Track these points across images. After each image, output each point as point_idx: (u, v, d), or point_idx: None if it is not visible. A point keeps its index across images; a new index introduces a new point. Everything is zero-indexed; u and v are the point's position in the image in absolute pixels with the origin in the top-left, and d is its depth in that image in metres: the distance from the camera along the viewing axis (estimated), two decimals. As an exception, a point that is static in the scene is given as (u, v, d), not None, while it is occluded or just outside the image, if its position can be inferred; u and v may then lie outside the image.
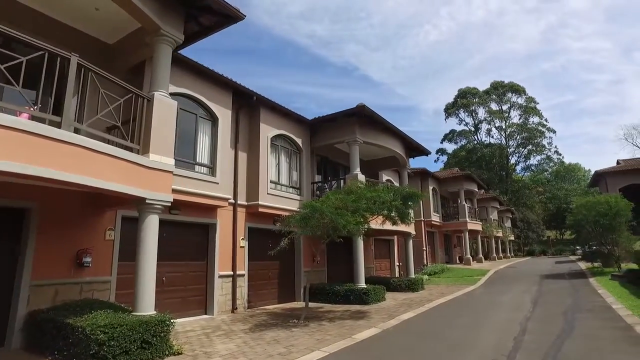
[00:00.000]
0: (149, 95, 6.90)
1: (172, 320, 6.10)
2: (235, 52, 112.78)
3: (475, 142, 63.04)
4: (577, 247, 32.55)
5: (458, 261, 29.54)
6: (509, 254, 42.70)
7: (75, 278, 7.29)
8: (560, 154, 60.78)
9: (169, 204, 6.93)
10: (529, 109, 59.70)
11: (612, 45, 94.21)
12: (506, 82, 61.32)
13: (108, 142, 6.13)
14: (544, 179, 65.00)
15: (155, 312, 6.30)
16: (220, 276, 10.37)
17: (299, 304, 12.39)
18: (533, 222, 50.74)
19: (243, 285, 11.01)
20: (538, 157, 60.96)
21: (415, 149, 17.38)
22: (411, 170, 25.17)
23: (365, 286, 12.35)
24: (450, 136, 65.55)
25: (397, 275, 20.38)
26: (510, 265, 27.67)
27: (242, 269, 11.06)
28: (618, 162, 30.06)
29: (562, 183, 65.50)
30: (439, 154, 67.15)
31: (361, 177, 12.80)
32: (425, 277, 20.35)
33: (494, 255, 35.33)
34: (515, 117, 60.98)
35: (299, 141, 13.31)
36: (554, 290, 14.22)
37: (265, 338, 7.47)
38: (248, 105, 11.68)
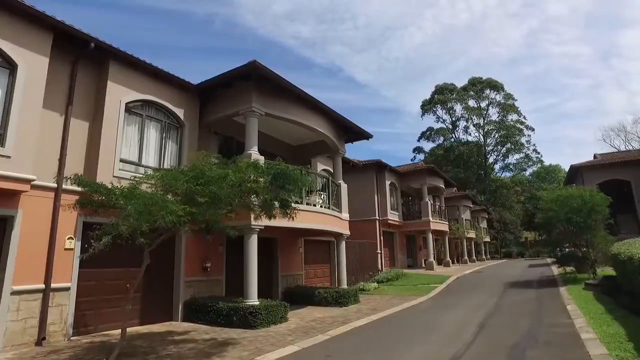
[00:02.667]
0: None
1: None
2: (220, 52, 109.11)
3: (453, 140, 60.69)
4: (544, 250, 29.73)
5: (424, 265, 26.60)
6: (484, 257, 40.07)
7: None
8: (539, 153, 58.56)
9: None
10: (507, 106, 57.47)
11: (592, 50, 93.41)
12: (484, 78, 59.17)
13: None
14: (524, 179, 62.90)
15: None
16: (17, 292, 7.06)
17: (175, 326, 9.19)
18: (510, 222, 48.31)
19: (66, 303, 7.73)
20: (517, 156, 58.67)
21: (351, 131, 14.33)
22: (363, 162, 22.25)
23: (256, 303, 9.18)
24: (427, 134, 62.96)
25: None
26: (478, 270, 24.86)
27: (66, 280, 7.78)
28: (595, 156, 27.61)
29: (541, 183, 63.48)
30: (416, 152, 64.35)
31: (256, 157, 9.67)
32: (374, 285, 17.35)
33: (465, 258, 32.57)
34: (493, 114, 58.85)
35: (179, 112, 10.11)
36: (514, 305, 11.28)
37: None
38: (92, 57, 8.45)
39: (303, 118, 11.68)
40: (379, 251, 21.72)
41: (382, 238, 22.25)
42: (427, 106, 61.13)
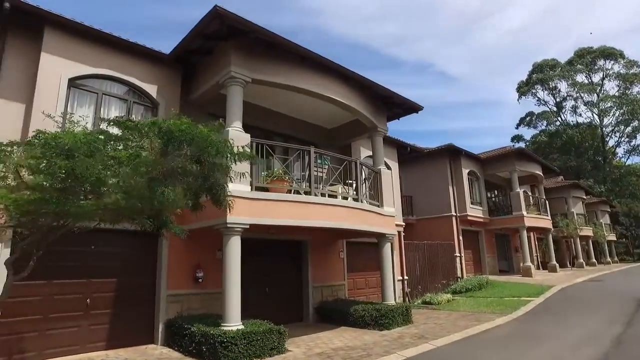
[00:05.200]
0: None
1: None
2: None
3: (559, 123, 51.83)
4: None
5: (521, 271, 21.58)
6: (609, 259, 32.38)
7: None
8: (680, 128, 46.82)
9: None
10: (630, 76, 47.06)
11: None
12: (595, 47, 49.42)
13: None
14: (662, 163, 50.88)
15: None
16: None
17: (147, 352, 7.28)
18: (644, 217, 38.79)
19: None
20: (647, 136, 47.73)
21: (392, 103, 11.25)
22: (431, 149, 18.69)
23: (236, 328, 6.75)
24: (527, 120, 54.85)
25: (402, 296, 14.10)
26: (595, 278, 19.24)
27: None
28: None
29: (686, 166, 50.67)
30: (515, 141, 56.34)
31: (237, 135, 7.35)
32: (446, 297, 13.85)
33: (581, 261, 26.20)
34: (611, 88, 48.78)
35: (149, 89, 8.27)
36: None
37: None
38: (30, 28, 7.03)
39: (314, 86, 9.09)
40: (458, 254, 17.83)
41: (461, 238, 18.31)
42: (524, 88, 53.13)
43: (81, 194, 3.93)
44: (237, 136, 7.47)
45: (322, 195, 8.80)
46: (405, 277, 14.43)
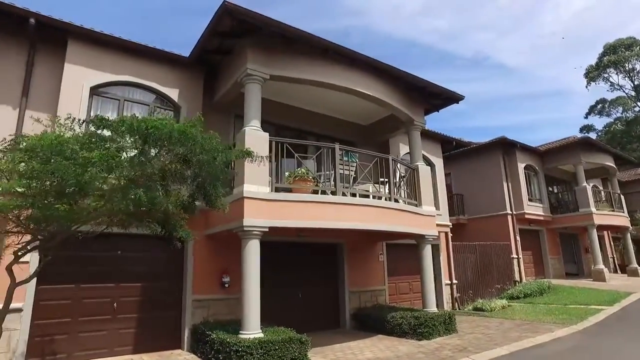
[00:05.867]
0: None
1: None
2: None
3: (638, 109, 46.51)
4: None
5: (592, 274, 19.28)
6: None
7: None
8: None
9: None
10: None
11: None
12: (680, 19, 43.77)
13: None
14: None
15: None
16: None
17: (172, 358, 7.23)
18: None
19: (16, 327, 6.40)
20: None
21: (428, 93, 10.41)
22: (481, 143, 17.39)
23: (255, 336, 6.42)
24: (598, 108, 49.90)
25: (450, 302, 13.13)
26: (686, 283, 16.64)
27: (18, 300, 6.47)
28: None
29: None
30: (585, 131, 51.46)
31: (254, 134, 7.09)
32: (501, 303, 12.67)
33: (668, 263, 22.95)
34: (703, 64, 42.87)
35: (171, 92, 8.25)
36: None
37: None
38: (54, 41, 7.30)
39: (340, 79, 8.59)
40: (515, 255, 16.33)
41: (518, 238, 16.76)
42: (594, 73, 48.25)
43: (65, 197, 3.80)
44: (254, 135, 7.21)
45: (353, 195, 8.29)
46: (454, 281, 13.41)
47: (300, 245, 9.96)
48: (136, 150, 3.99)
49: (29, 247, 4.44)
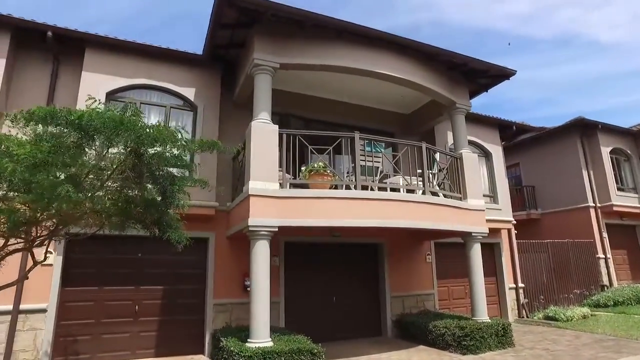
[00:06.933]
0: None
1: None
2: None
3: None
4: None
5: None
6: None
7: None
8: None
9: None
10: None
11: None
12: None
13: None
14: None
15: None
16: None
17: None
18: None
19: (41, 327, 6.60)
20: None
21: (471, 71, 9.14)
22: (552, 128, 15.26)
23: (264, 344, 5.89)
24: None
25: (516, 308, 11.54)
26: None
27: (43, 301, 6.68)
28: None
29: None
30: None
31: (261, 127, 6.65)
32: (581, 311, 10.86)
33: None
34: None
35: (187, 92, 8.10)
36: None
37: None
38: (73, 52, 7.54)
39: (359, 62, 7.78)
40: (601, 255, 13.96)
41: (605, 235, 14.31)
42: None
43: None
44: (262, 128, 6.77)
45: (382, 189, 7.49)
46: (521, 285, 11.73)
47: (333, 246, 9.31)
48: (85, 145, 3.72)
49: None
